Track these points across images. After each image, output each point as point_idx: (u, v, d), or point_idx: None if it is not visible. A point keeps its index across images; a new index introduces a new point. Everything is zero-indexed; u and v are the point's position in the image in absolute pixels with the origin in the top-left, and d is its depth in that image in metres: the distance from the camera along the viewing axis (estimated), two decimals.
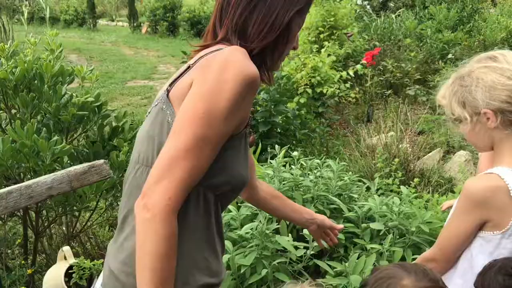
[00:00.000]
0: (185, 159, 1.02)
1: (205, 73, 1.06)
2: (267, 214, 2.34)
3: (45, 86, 2.59)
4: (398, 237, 2.38)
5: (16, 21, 12.41)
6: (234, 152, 1.15)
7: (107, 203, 2.92)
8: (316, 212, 2.47)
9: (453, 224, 1.30)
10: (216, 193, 1.15)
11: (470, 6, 8.70)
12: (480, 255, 1.25)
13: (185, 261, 1.12)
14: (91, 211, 2.90)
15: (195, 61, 1.14)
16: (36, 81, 2.61)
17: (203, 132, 1.03)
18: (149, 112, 1.20)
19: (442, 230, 1.35)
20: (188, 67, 1.14)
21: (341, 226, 1.78)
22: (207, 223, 1.16)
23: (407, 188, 2.88)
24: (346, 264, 2.10)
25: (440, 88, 1.38)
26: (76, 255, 2.58)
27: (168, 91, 1.14)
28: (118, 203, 2.73)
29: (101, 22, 19.60)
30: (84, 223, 2.94)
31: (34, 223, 2.66)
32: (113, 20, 20.38)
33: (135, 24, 16.94)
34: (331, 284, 2.11)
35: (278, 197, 1.63)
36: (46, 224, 2.73)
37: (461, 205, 1.27)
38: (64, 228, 2.98)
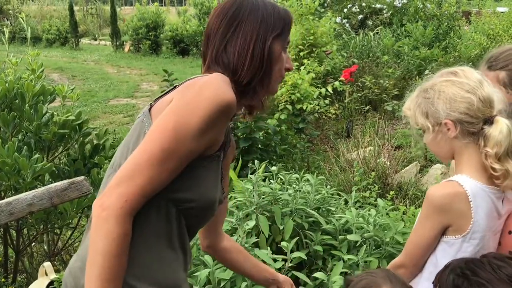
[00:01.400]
0: (148, 168, 1.07)
1: (185, 92, 1.14)
2: (247, 228, 2.39)
3: (26, 105, 2.62)
4: (374, 248, 2.45)
5: None
6: (205, 173, 1.19)
7: (88, 220, 2.93)
8: (294, 225, 2.56)
9: (418, 230, 1.37)
10: (179, 207, 1.18)
11: (446, 24, 8.93)
12: (443, 259, 1.32)
13: (134, 266, 1.13)
14: (73, 229, 2.91)
15: (182, 83, 1.21)
16: (17, 101, 2.64)
17: (169, 145, 1.07)
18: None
19: (409, 237, 1.42)
20: (174, 87, 1.21)
21: None
22: (165, 234, 1.18)
23: (383, 200, 2.95)
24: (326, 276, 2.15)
25: (406, 101, 1.46)
26: (57, 272, 2.58)
27: (151, 106, 1.21)
28: None
29: (84, 41, 19.59)
30: (65, 241, 2.95)
31: (14, 241, 2.66)
32: (95, 39, 20.39)
33: (117, 43, 16.97)
34: None
35: (241, 251, 1.61)
36: (27, 243, 2.73)
37: (424, 211, 1.34)
38: (45, 247, 2.98)
